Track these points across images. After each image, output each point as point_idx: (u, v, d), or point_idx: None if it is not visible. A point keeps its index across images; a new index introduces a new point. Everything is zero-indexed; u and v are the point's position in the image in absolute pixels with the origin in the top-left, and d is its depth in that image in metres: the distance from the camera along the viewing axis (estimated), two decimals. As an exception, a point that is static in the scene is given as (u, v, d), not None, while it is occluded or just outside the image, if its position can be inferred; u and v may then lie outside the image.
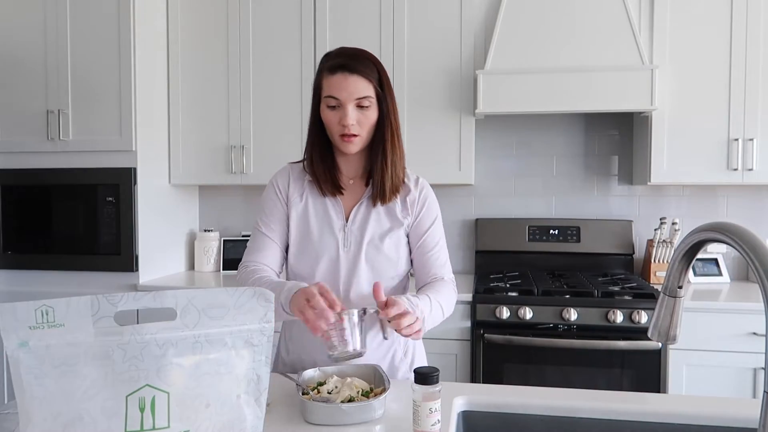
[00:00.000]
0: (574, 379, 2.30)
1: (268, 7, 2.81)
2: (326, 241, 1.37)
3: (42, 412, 0.68)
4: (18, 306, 0.68)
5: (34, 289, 2.71)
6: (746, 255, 0.73)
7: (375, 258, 1.37)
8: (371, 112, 1.31)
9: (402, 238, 1.40)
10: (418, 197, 1.42)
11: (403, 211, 1.41)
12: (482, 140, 2.97)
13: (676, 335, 0.88)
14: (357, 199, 1.40)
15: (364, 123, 1.31)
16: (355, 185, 1.42)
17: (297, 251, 1.40)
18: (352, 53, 1.32)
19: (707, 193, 2.85)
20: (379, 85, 1.32)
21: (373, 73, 1.31)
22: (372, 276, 1.37)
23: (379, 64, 1.34)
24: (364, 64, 1.30)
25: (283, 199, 1.42)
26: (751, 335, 2.26)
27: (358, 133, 1.32)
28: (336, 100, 1.30)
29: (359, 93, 1.29)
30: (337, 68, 1.29)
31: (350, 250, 1.37)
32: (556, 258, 2.85)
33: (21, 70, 2.68)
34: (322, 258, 1.37)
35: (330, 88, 1.30)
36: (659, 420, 1.13)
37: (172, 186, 2.95)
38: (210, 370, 0.74)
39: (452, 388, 1.26)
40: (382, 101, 1.33)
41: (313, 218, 1.39)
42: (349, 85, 1.28)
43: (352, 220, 1.38)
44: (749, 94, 2.49)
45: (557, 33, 2.54)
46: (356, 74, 1.28)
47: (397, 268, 1.40)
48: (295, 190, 1.42)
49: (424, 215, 1.42)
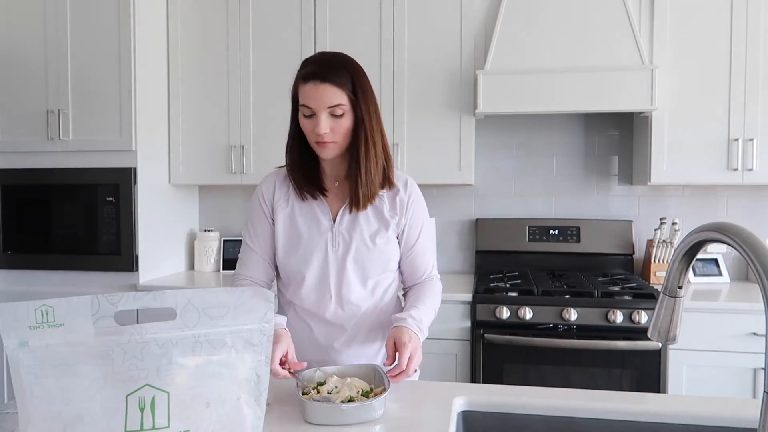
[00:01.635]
0: (574, 379, 2.30)
1: (268, 7, 2.81)
2: (315, 242, 1.38)
3: (42, 412, 0.68)
4: (18, 306, 0.68)
5: (34, 289, 2.71)
6: (746, 255, 0.73)
7: (364, 257, 1.38)
8: (345, 119, 1.31)
9: (391, 238, 1.41)
10: (407, 199, 1.42)
11: (391, 210, 1.41)
12: (482, 140, 2.97)
13: (676, 335, 0.88)
14: (343, 200, 1.41)
15: (338, 130, 1.31)
16: (341, 187, 1.42)
17: (287, 252, 1.40)
18: (326, 61, 1.32)
19: (707, 193, 2.85)
20: (353, 91, 1.31)
21: (346, 80, 1.30)
22: (362, 275, 1.38)
23: (355, 70, 1.33)
24: (336, 72, 1.29)
25: (268, 210, 1.43)
26: (751, 335, 2.26)
27: (333, 140, 1.32)
28: (309, 108, 1.30)
29: (330, 101, 1.28)
30: (309, 77, 1.29)
31: (339, 250, 1.38)
32: (556, 258, 2.85)
33: (21, 70, 2.68)
34: (311, 259, 1.38)
35: (303, 97, 1.31)
36: (659, 420, 1.13)
37: (172, 186, 2.94)
38: (210, 369, 0.74)
39: (452, 388, 1.26)
40: (356, 108, 1.32)
41: (301, 220, 1.40)
42: (320, 94, 1.28)
43: (339, 220, 1.39)
44: (749, 94, 2.49)
45: (557, 33, 2.54)
46: (327, 83, 1.28)
47: (386, 267, 1.41)
48: (281, 195, 1.43)
49: (413, 219, 1.43)
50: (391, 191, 1.42)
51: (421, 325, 1.32)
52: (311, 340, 1.40)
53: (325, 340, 1.40)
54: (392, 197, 1.42)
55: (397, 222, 1.41)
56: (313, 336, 1.40)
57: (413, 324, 1.30)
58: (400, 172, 1.47)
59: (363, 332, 1.41)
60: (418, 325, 1.31)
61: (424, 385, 1.31)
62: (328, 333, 1.40)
